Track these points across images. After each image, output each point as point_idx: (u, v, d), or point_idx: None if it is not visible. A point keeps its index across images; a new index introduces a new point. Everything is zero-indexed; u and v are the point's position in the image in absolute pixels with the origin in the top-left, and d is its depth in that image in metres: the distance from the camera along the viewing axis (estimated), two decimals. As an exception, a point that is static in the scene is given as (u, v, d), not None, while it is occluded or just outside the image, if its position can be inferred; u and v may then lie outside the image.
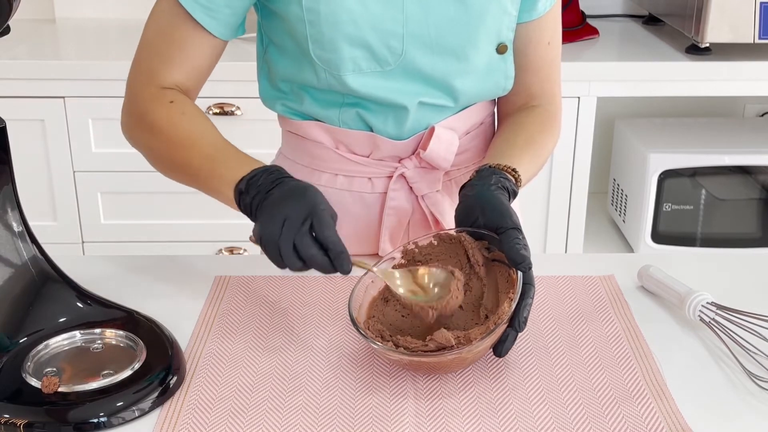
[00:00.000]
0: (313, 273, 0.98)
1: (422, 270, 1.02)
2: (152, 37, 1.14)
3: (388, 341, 0.96)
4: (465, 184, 1.09)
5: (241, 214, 1.04)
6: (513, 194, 1.09)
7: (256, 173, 1.02)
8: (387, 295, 1.04)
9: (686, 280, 1.13)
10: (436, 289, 1.01)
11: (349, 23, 1.09)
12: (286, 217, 0.95)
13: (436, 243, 1.06)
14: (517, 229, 1.00)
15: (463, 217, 1.05)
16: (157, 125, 1.11)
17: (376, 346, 0.94)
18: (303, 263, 0.96)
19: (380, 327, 0.99)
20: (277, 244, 0.95)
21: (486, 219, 1.02)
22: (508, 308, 0.95)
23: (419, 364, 0.95)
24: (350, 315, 0.98)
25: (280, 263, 0.96)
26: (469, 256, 1.03)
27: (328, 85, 1.15)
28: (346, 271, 0.96)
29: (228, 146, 1.08)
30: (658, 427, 0.90)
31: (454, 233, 1.05)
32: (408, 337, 0.96)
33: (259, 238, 0.98)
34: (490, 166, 1.11)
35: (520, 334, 0.99)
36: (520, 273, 0.97)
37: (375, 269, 1.00)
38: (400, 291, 1.00)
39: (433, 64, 1.14)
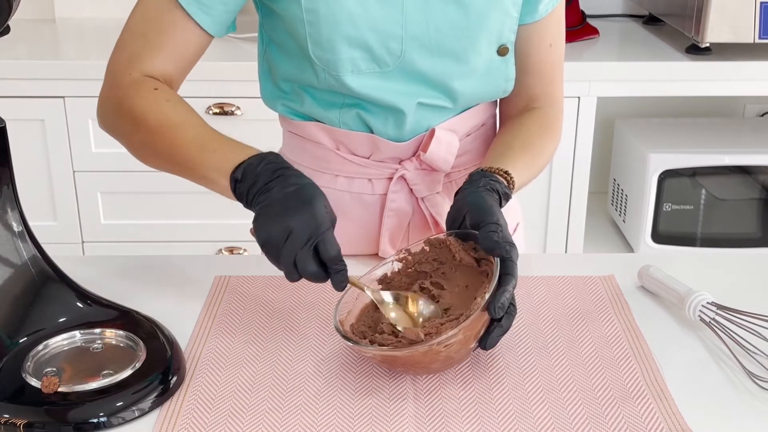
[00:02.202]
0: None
1: (411, 297, 1.03)
2: (139, 22, 1.11)
3: (366, 339, 0.97)
4: (458, 189, 1.09)
5: (241, 214, 1.04)
6: (504, 196, 1.08)
7: (252, 161, 0.99)
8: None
9: (686, 280, 1.13)
10: (420, 319, 1.01)
11: (348, 24, 1.09)
12: (291, 230, 0.93)
13: (428, 249, 1.07)
14: (496, 223, 0.99)
15: (452, 220, 1.06)
16: (138, 111, 1.07)
17: (350, 344, 0.95)
18: (299, 275, 0.95)
19: (364, 329, 1.00)
20: (279, 252, 0.94)
21: (471, 219, 1.02)
22: (480, 300, 0.94)
23: (395, 360, 0.95)
24: (334, 318, 0.98)
25: (278, 267, 0.96)
26: (456, 259, 1.04)
27: (328, 85, 1.15)
28: (340, 289, 0.97)
29: (217, 134, 1.05)
30: (658, 428, 0.90)
31: (443, 237, 1.06)
32: (385, 334, 0.97)
33: (261, 243, 0.96)
34: (482, 170, 1.11)
35: (520, 334, 0.99)
36: (496, 264, 0.96)
37: (368, 291, 1.01)
38: (391, 315, 1.01)
39: (433, 66, 1.14)
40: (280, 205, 0.95)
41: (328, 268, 0.96)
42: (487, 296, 0.94)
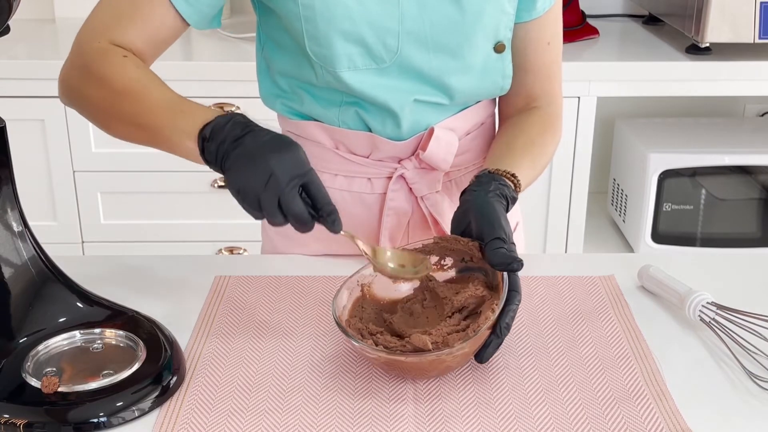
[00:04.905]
0: (306, 266, 0.97)
1: (399, 251, 1.04)
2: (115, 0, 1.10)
3: (368, 339, 0.96)
4: (465, 189, 1.09)
5: (241, 214, 1.03)
6: (512, 200, 1.08)
7: (220, 120, 0.96)
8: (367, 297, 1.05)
9: (686, 280, 1.13)
10: (412, 267, 1.02)
11: (344, 19, 1.09)
12: (272, 171, 0.91)
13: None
14: (501, 239, 0.99)
15: (457, 222, 1.06)
16: (104, 75, 1.05)
17: (356, 344, 0.95)
18: (284, 218, 0.93)
19: (360, 326, 0.99)
20: (258, 197, 0.92)
21: (477, 227, 1.02)
22: (491, 314, 0.94)
23: (398, 363, 0.95)
24: (333, 312, 0.98)
25: (258, 215, 0.94)
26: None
27: (326, 83, 1.15)
28: (337, 230, 0.95)
29: (184, 99, 1.02)
30: (657, 427, 0.90)
31: (431, 242, 1.06)
32: (388, 336, 0.97)
33: (237, 189, 0.93)
34: (489, 172, 1.10)
35: (519, 334, 0.99)
36: (505, 280, 0.96)
37: (359, 243, 1.00)
38: (385, 265, 1.01)
39: (429, 62, 1.14)
40: (256, 151, 0.93)
41: (319, 209, 0.94)
42: (498, 310, 0.94)
